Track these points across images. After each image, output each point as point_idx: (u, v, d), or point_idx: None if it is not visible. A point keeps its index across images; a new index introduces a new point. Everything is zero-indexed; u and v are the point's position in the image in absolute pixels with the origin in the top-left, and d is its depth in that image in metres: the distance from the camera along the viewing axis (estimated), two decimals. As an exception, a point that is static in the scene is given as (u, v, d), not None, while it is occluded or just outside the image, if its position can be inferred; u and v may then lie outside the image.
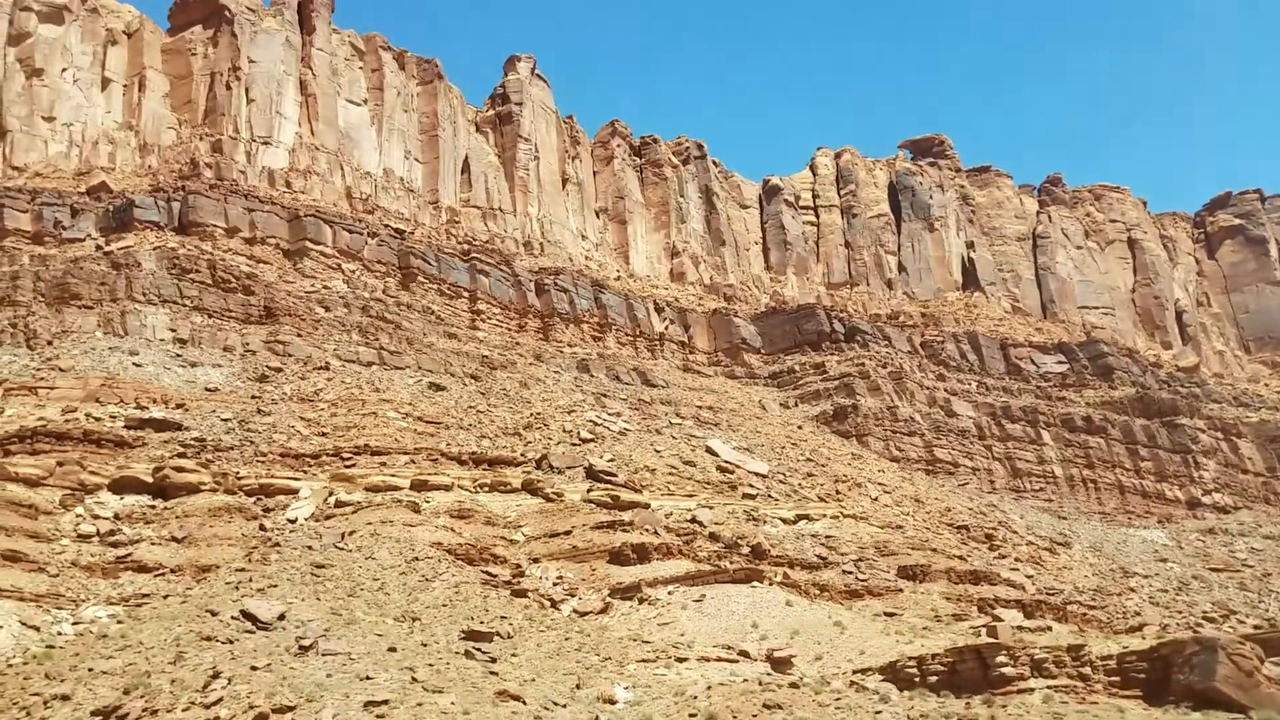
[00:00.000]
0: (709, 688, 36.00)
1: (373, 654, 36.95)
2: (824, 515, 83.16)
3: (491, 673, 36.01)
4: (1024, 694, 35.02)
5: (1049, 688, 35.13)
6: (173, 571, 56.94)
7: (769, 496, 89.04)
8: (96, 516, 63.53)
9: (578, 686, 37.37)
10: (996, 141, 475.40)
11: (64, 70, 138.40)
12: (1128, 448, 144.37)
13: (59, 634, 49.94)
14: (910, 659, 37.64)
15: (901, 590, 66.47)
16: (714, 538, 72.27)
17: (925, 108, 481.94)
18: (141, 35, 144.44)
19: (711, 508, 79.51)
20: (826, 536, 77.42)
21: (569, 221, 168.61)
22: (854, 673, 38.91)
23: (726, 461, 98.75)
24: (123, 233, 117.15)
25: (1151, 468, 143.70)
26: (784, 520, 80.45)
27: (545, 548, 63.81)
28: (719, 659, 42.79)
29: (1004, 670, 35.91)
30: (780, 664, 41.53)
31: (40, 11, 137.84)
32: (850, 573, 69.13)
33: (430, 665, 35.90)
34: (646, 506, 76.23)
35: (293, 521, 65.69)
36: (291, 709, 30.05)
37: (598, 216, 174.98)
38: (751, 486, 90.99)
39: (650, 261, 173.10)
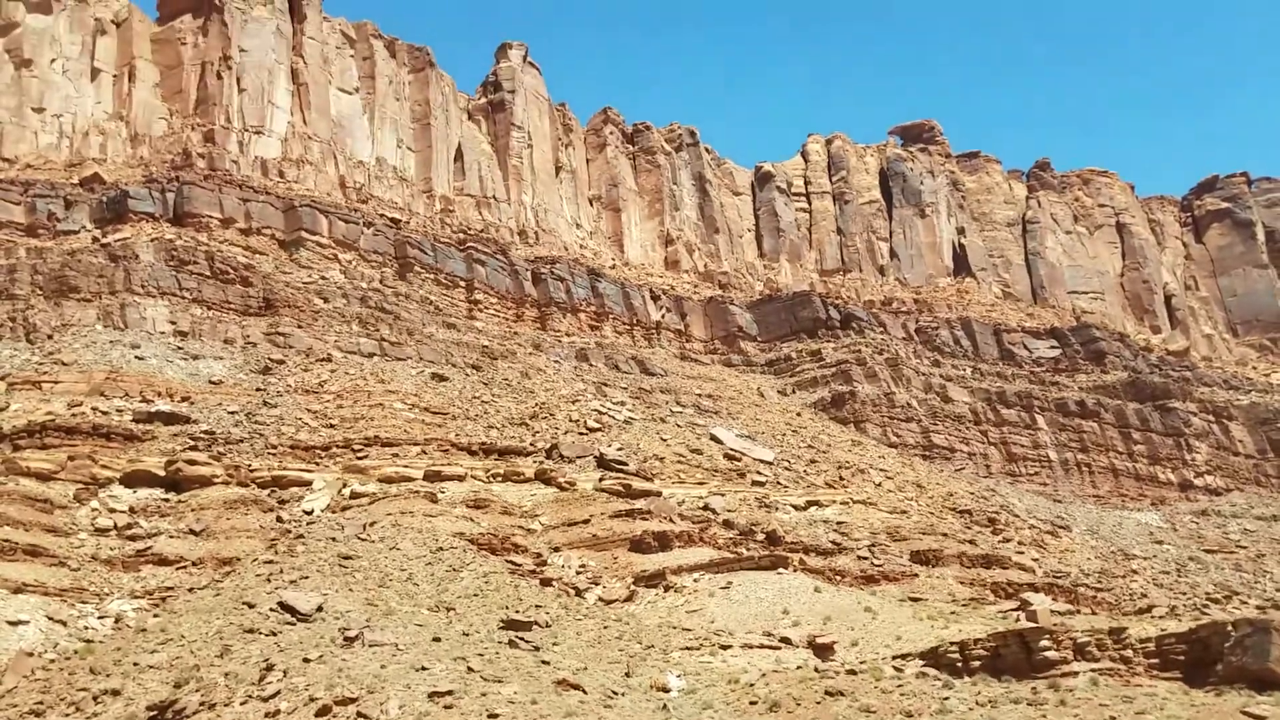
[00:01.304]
0: (763, 675, 36.17)
1: (419, 644, 36.92)
2: (834, 501, 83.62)
3: (543, 662, 36.06)
4: (1068, 677, 35.41)
5: (1093, 671, 35.54)
6: (194, 564, 56.76)
7: (778, 483, 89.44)
8: (112, 510, 63.17)
9: (627, 674, 37.47)
10: (985, 126, 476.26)
11: (53, 61, 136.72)
12: (1120, 431, 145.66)
13: (86, 628, 49.74)
14: (952, 644, 37.93)
15: (917, 575, 66.98)
16: (728, 525, 72.57)
17: (915, 93, 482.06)
18: (130, 25, 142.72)
19: (723, 495, 79.78)
20: (838, 523, 77.88)
21: (563, 210, 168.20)
22: (894, 658, 39.21)
23: (732, 449, 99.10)
24: (118, 224, 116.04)
25: (1144, 451, 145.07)
26: (795, 507, 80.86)
27: (565, 536, 63.90)
28: (762, 645, 43.04)
29: (1047, 654, 36.29)
30: (822, 650, 41.82)
31: (28, 1, 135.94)
32: (865, 558, 69.59)
33: (480, 655, 35.91)
34: (659, 494, 76.35)
35: (309, 513, 65.55)
36: (354, 700, 29.96)
37: (591, 204, 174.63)
38: (759, 473, 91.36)
39: (644, 249, 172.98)
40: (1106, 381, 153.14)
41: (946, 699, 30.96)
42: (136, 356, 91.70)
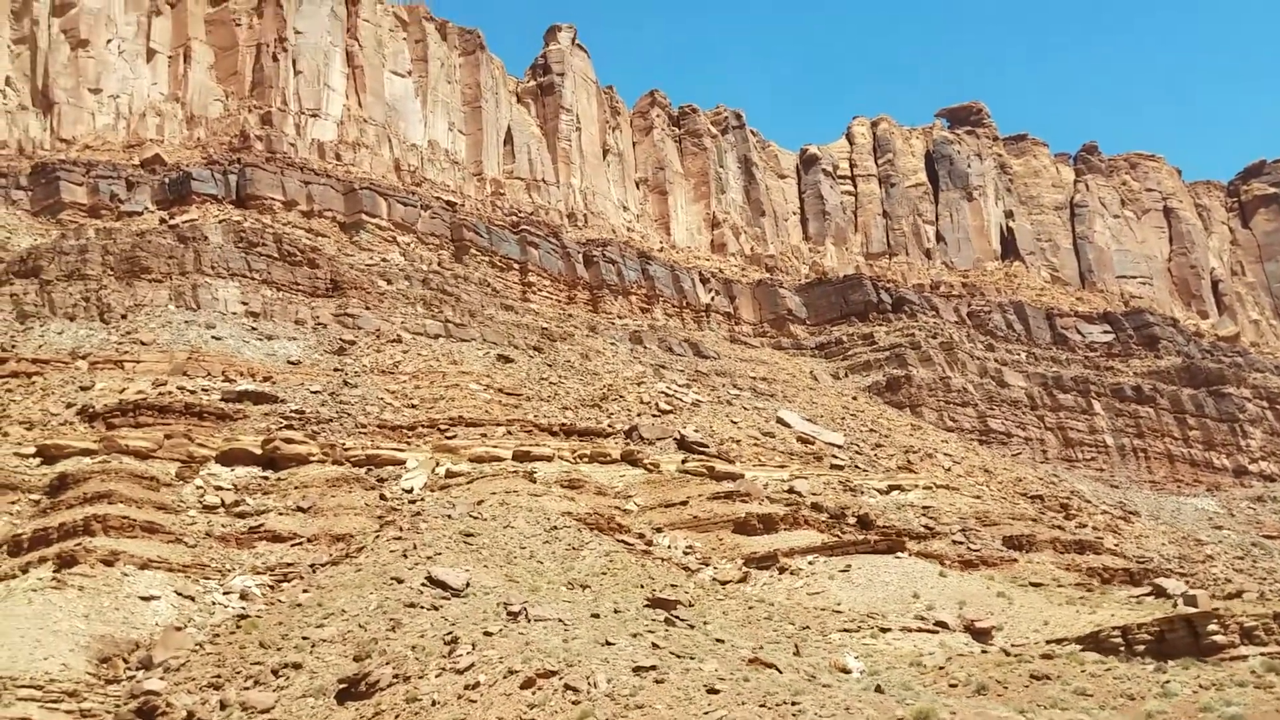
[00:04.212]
0: (949, 658, 36.08)
1: (582, 620, 36.96)
2: (915, 485, 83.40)
3: (717, 640, 36.08)
4: (1236, 661, 35.22)
5: (1262, 654, 35.33)
6: (309, 541, 57.01)
7: (855, 467, 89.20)
8: (218, 488, 63.49)
9: (796, 653, 37.48)
10: (1032, 108, 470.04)
11: (109, 41, 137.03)
12: (1176, 417, 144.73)
13: (214, 604, 50.07)
14: (1114, 629, 37.75)
15: (1015, 560, 66.68)
16: (817, 508, 72.38)
17: (961, 75, 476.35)
18: (185, 5, 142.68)
19: (806, 478, 79.59)
20: (924, 507, 77.66)
21: (610, 193, 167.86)
22: (1047, 643, 39.01)
23: (802, 432, 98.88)
24: (182, 205, 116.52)
25: (1199, 436, 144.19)
26: (878, 490, 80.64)
27: (664, 517, 63.93)
28: (920, 629, 42.92)
29: (1215, 638, 36.11)
30: (982, 635, 41.68)
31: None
32: (960, 543, 69.36)
33: (651, 632, 35.96)
34: (741, 476, 76.27)
35: (409, 491, 65.79)
36: (554, 673, 29.99)
37: (638, 187, 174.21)
38: (835, 457, 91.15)
39: (690, 232, 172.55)
40: (1160, 367, 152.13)
41: (1167, 682, 30.73)
42: (214, 337, 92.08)
